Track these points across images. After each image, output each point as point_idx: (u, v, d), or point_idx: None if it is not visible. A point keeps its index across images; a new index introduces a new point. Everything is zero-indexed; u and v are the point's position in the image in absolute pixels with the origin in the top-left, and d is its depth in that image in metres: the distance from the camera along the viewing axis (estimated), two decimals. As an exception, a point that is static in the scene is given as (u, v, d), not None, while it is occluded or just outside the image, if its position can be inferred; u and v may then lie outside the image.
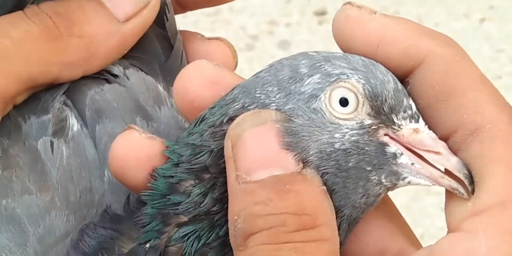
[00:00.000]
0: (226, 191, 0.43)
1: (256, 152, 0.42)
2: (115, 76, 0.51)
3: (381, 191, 0.44)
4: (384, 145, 0.44)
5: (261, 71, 0.46)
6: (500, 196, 0.42)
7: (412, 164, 0.44)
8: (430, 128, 0.44)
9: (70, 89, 0.50)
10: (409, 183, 0.44)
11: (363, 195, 0.44)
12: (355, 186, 0.43)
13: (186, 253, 0.43)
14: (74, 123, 0.49)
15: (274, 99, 0.44)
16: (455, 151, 0.44)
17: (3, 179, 0.47)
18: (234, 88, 0.45)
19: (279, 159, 0.42)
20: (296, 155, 0.42)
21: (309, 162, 0.43)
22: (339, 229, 0.43)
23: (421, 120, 0.44)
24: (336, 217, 0.43)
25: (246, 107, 0.44)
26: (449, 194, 0.44)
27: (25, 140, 0.48)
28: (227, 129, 0.43)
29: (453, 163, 0.43)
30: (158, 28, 0.52)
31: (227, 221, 0.43)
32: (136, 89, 0.50)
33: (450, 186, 0.43)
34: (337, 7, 0.48)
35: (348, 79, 0.44)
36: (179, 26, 0.53)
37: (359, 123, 0.44)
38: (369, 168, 0.43)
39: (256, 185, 0.42)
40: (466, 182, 0.43)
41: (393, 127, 0.44)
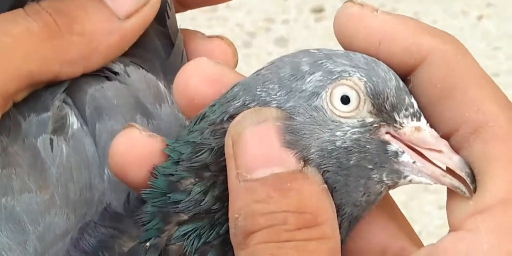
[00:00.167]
0: (227, 189, 0.43)
1: (256, 150, 0.42)
2: (116, 73, 0.50)
3: (382, 189, 0.44)
4: (386, 143, 0.44)
5: (262, 68, 0.45)
6: (502, 195, 0.42)
7: (414, 162, 0.43)
8: (432, 126, 0.44)
9: (70, 86, 0.50)
10: (410, 181, 0.44)
11: (364, 193, 0.44)
12: (356, 184, 0.43)
13: (186, 251, 0.43)
14: (74, 121, 0.49)
15: (275, 96, 0.44)
16: (457, 149, 0.44)
17: (2, 177, 0.47)
18: (234, 86, 0.45)
19: (280, 157, 0.42)
20: (297, 153, 0.42)
21: (310, 160, 0.42)
22: (340, 227, 0.43)
23: (422, 118, 0.44)
24: (337, 215, 0.43)
25: (247, 105, 0.44)
26: (451, 193, 0.44)
27: (24, 138, 0.48)
28: (228, 127, 0.43)
29: (455, 161, 0.43)
30: (158, 25, 0.52)
31: (227, 219, 0.43)
32: (136, 87, 0.50)
33: (452, 184, 0.43)
34: (334, 5, 0.48)
35: (350, 76, 0.44)
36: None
37: (360, 121, 0.43)
38: (370, 166, 0.43)
39: (257, 183, 0.41)
40: (468, 180, 0.43)
41: (395, 125, 0.44)
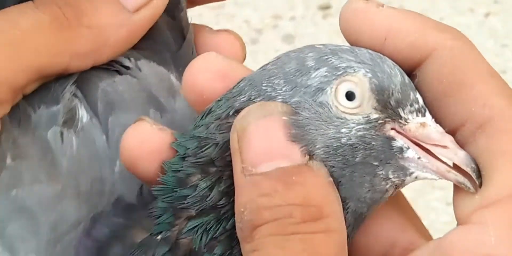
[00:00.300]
0: (232, 184, 0.43)
1: (262, 144, 0.42)
2: (127, 67, 0.50)
3: (387, 186, 0.44)
4: (391, 139, 0.44)
5: (268, 63, 0.45)
6: (508, 189, 0.42)
7: (419, 158, 0.43)
8: (437, 122, 0.44)
9: (81, 80, 0.50)
10: (416, 178, 0.44)
11: (369, 190, 0.44)
12: (361, 180, 0.43)
13: (196, 246, 0.43)
14: (83, 114, 0.49)
15: (280, 91, 0.44)
16: (462, 144, 0.44)
17: (13, 169, 0.47)
18: (240, 81, 0.45)
19: (285, 151, 0.42)
20: (302, 147, 0.42)
21: (315, 155, 0.42)
22: (345, 222, 0.43)
23: (428, 114, 0.44)
24: (342, 209, 0.43)
25: (252, 100, 0.44)
26: (457, 188, 0.44)
27: (34, 130, 0.48)
28: (233, 122, 0.43)
29: (460, 157, 0.43)
30: (169, 18, 0.52)
31: (233, 214, 0.43)
32: (148, 81, 0.50)
33: (457, 180, 0.43)
34: (341, 1, 0.48)
35: (355, 72, 0.44)
36: None
37: (365, 117, 0.43)
38: (376, 163, 0.43)
39: (262, 177, 0.41)
40: (474, 176, 0.43)
41: (400, 121, 0.44)
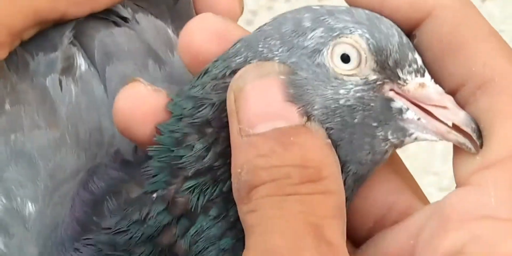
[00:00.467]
0: (229, 146, 0.42)
1: (259, 104, 0.41)
2: (124, 19, 0.50)
3: (387, 147, 0.43)
4: (390, 100, 0.43)
5: (264, 24, 0.45)
6: (509, 149, 0.41)
7: (419, 119, 0.43)
8: (437, 82, 0.44)
9: (78, 30, 0.49)
10: (416, 139, 0.43)
11: (369, 152, 0.43)
12: (361, 142, 0.43)
13: (192, 206, 0.43)
14: (81, 62, 0.48)
15: (276, 53, 0.43)
16: (463, 105, 0.43)
17: (11, 114, 0.47)
18: (236, 42, 0.44)
19: (282, 111, 0.41)
20: (300, 108, 0.42)
21: (313, 116, 0.42)
22: (344, 184, 0.42)
23: (427, 74, 0.44)
24: (341, 172, 0.42)
25: (249, 61, 0.43)
26: (457, 149, 0.43)
27: (33, 77, 0.48)
28: (230, 82, 0.42)
29: (460, 117, 0.43)
30: None
31: (230, 177, 0.42)
32: (146, 34, 0.50)
33: (457, 141, 0.43)
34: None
35: (351, 34, 0.43)
36: None
37: (363, 79, 0.43)
38: (375, 124, 0.43)
39: (259, 137, 0.41)
40: (474, 136, 0.42)
41: (399, 82, 0.43)
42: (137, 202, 0.43)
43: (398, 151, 0.45)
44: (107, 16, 0.50)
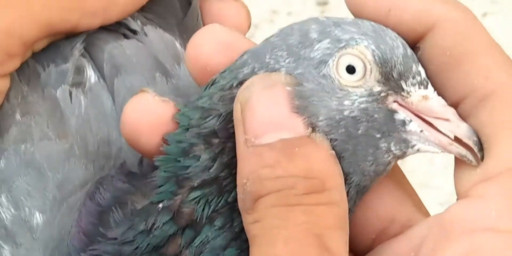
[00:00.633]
0: (235, 156, 0.42)
1: (265, 115, 0.42)
2: (134, 31, 0.51)
3: (390, 158, 0.44)
4: (393, 112, 0.43)
5: (271, 36, 0.45)
6: (509, 162, 0.42)
7: (421, 131, 0.43)
8: (440, 94, 0.44)
9: (88, 42, 0.50)
10: (418, 150, 0.44)
11: (372, 163, 0.43)
12: (364, 153, 0.43)
13: (197, 217, 0.43)
14: (91, 74, 0.49)
15: (283, 63, 0.44)
16: (464, 117, 0.43)
17: (21, 125, 0.47)
18: (244, 53, 0.45)
19: (288, 122, 0.42)
20: (305, 119, 0.42)
21: (318, 127, 0.42)
22: (347, 195, 0.43)
23: (430, 86, 0.44)
24: (345, 183, 0.43)
25: (256, 72, 0.44)
26: (458, 161, 0.44)
27: (44, 88, 0.48)
28: (237, 93, 0.43)
29: (462, 129, 0.43)
30: None
31: (235, 187, 0.42)
32: (155, 46, 0.50)
33: (459, 153, 0.43)
34: (339, -3, 0.48)
35: (357, 45, 0.43)
36: None
37: (368, 90, 0.43)
38: (378, 136, 0.43)
39: (265, 148, 0.41)
40: (475, 149, 0.43)
41: (402, 93, 0.44)
42: (143, 213, 0.44)
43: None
44: (117, 28, 0.50)
